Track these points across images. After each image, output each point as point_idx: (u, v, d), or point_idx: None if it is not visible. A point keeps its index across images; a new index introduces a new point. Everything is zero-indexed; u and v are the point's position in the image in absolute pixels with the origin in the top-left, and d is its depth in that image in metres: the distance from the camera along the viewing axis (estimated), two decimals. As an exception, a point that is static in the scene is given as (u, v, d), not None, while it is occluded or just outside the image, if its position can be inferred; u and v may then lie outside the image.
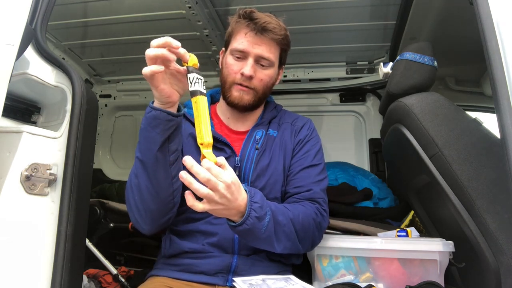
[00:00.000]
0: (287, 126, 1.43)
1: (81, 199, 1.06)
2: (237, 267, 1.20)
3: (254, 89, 1.31)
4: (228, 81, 1.32)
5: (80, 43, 2.47)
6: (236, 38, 1.31)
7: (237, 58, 1.30)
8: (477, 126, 1.35)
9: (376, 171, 2.54)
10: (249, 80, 1.29)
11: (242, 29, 1.30)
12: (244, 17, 1.29)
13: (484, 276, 1.21)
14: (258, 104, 1.38)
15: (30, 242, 0.99)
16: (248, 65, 1.28)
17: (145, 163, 1.11)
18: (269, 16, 1.31)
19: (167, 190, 1.14)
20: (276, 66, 1.36)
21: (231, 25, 1.34)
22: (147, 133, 1.10)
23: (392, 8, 1.98)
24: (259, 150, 1.33)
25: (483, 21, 1.03)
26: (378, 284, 1.27)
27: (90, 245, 1.86)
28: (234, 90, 1.31)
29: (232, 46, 1.31)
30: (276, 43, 1.31)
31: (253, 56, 1.28)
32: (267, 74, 1.32)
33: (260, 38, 1.28)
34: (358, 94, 2.68)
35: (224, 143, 1.31)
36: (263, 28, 1.26)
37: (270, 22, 1.27)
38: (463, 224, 1.25)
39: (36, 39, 1.12)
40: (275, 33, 1.28)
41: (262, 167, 1.31)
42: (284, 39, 1.32)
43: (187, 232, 1.27)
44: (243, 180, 1.29)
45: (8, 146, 1.00)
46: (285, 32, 1.32)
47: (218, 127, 1.40)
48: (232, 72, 1.30)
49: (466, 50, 1.97)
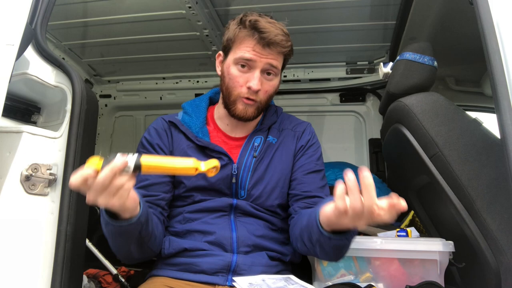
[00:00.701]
0: (288, 133, 1.40)
1: (81, 199, 1.06)
2: (237, 266, 1.20)
3: (259, 101, 1.28)
4: (233, 94, 1.28)
5: (80, 43, 2.47)
6: (240, 48, 1.25)
7: (242, 67, 1.26)
8: (477, 126, 1.35)
9: (376, 171, 2.54)
10: (255, 94, 1.26)
11: (248, 40, 1.24)
12: (250, 27, 1.24)
13: (484, 276, 1.21)
14: (260, 114, 1.35)
15: (30, 242, 0.99)
16: (255, 79, 1.24)
17: (120, 253, 1.12)
18: (273, 24, 1.25)
19: (146, 255, 1.17)
20: (280, 74, 1.33)
21: (233, 32, 1.27)
22: (113, 239, 1.06)
23: (392, 8, 1.98)
24: (256, 158, 1.32)
25: (483, 21, 1.03)
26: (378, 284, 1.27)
27: (90, 245, 1.86)
28: (239, 104, 1.28)
29: (237, 55, 1.25)
30: (282, 54, 1.29)
31: (260, 67, 1.24)
32: (272, 85, 1.30)
33: (268, 50, 1.24)
34: (358, 94, 2.67)
35: (220, 152, 1.30)
36: (272, 42, 1.22)
37: (277, 34, 1.23)
38: (463, 224, 1.25)
39: (36, 39, 1.12)
40: (283, 45, 1.25)
41: (259, 175, 1.30)
42: (290, 51, 1.29)
43: (185, 231, 1.27)
44: (240, 188, 1.29)
45: (8, 146, 1.00)
46: (290, 42, 1.29)
47: (215, 134, 1.37)
48: (238, 85, 1.26)
49: (466, 50, 1.97)
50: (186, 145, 1.32)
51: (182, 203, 1.30)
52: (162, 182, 1.27)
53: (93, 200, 0.86)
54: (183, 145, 1.32)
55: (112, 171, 0.84)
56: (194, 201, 1.28)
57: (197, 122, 1.36)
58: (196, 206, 1.28)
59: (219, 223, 1.25)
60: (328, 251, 1.09)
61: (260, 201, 1.29)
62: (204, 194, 1.28)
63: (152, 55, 2.50)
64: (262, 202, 1.29)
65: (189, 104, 1.43)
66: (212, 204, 1.27)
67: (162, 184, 1.27)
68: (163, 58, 2.53)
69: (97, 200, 0.86)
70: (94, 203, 0.87)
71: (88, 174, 0.84)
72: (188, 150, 1.30)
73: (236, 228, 1.25)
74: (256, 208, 1.29)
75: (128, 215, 0.98)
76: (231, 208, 1.27)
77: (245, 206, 1.28)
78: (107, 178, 0.84)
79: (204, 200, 1.28)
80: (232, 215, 1.27)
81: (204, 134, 1.34)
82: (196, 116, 1.38)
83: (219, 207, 1.27)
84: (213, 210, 1.27)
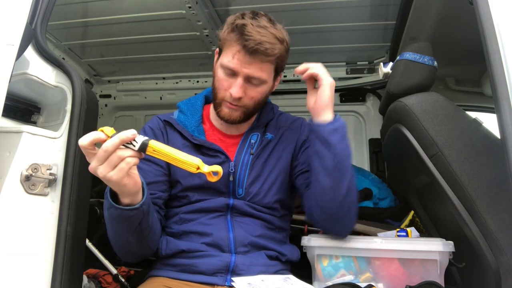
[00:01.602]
0: (286, 130, 1.41)
1: (81, 199, 1.06)
2: (235, 266, 1.20)
3: (243, 106, 1.26)
4: (218, 97, 1.27)
5: (80, 43, 2.47)
6: (226, 52, 1.23)
7: (227, 74, 1.23)
8: (477, 126, 1.35)
9: (376, 171, 2.54)
10: (237, 100, 1.23)
11: (233, 45, 1.20)
12: (237, 32, 1.19)
13: (484, 276, 1.21)
14: (250, 117, 1.34)
15: (30, 242, 0.99)
16: (236, 86, 1.21)
17: (118, 241, 1.12)
18: (264, 29, 1.18)
19: (144, 252, 1.17)
20: (270, 81, 1.28)
21: (224, 34, 1.25)
22: (113, 226, 1.06)
23: (392, 8, 1.98)
24: (253, 155, 1.32)
25: (483, 21, 1.03)
26: (378, 284, 1.27)
27: (90, 245, 1.86)
28: (224, 106, 1.27)
29: (222, 61, 1.23)
30: (269, 62, 1.23)
31: (242, 76, 1.21)
32: (258, 91, 1.26)
33: (250, 58, 1.19)
34: (358, 94, 2.68)
35: (216, 150, 1.30)
36: (255, 50, 1.17)
37: (262, 42, 1.16)
38: (463, 224, 1.25)
39: (36, 39, 1.12)
40: (267, 54, 1.18)
41: (257, 172, 1.31)
42: (278, 58, 1.23)
43: (181, 233, 1.27)
44: (238, 185, 1.28)
45: (8, 146, 1.00)
46: (279, 50, 1.21)
47: (210, 133, 1.37)
48: (222, 88, 1.25)
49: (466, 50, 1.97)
50: (181, 144, 1.31)
51: (178, 203, 1.30)
52: (159, 181, 1.27)
53: (94, 168, 0.90)
54: (178, 143, 1.31)
55: (120, 139, 0.88)
56: (190, 201, 1.28)
57: (193, 120, 1.35)
58: (192, 206, 1.27)
59: (216, 224, 1.25)
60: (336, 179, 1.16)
61: (258, 199, 1.29)
62: (200, 194, 1.28)
63: (152, 55, 2.51)
64: (260, 199, 1.29)
65: (184, 103, 1.42)
66: (208, 204, 1.27)
67: (159, 183, 1.27)
68: (163, 58, 2.54)
69: (98, 169, 0.89)
70: (94, 172, 0.90)
71: (98, 137, 0.88)
72: (184, 149, 1.28)
73: (233, 229, 1.25)
74: (253, 208, 1.28)
75: (127, 200, 0.98)
76: (228, 208, 1.27)
77: (242, 206, 1.27)
78: (114, 145, 0.87)
79: (200, 200, 1.28)
80: (228, 215, 1.27)
81: (200, 132, 1.34)
82: (191, 114, 1.37)
83: (215, 208, 1.27)
84: (209, 210, 1.27)
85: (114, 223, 1.04)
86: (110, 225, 1.07)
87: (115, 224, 1.05)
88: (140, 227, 1.05)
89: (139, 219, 1.03)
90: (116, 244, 1.13)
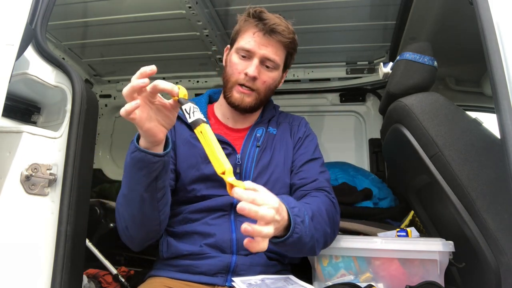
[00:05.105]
0: (285, 126, 1.44)
1: (81, 199, 1.06)
2: (236, 266, 1.20)
3: (256, 90, 1.30)
4: (231, 80, 1.31)
5: (80, 43, 2.47)
6: (243, 36, 1.30)
7: (242, 57, 1.29)
8: (477, 126, 1.35)
9: (376, 171, 2.54)
10: (252, 81, 1.28)
11: (250, 29, 1.28)
12: (254, 17, 1.27)
13: (484, 276, 1.21)
14: (259, 106, 1.37)
15: (30, 242, 0.99)
16: (252, 66, 1.27)
17: (130, 201, 1.08)
18: (279, 17, 1.30)
19: (153, 222, 1.13)
20: (280, 69, 1.35)
21: (239, 23, 1.33)
22: (132, 174, 1.03)
23: (392, 8, 1.98)
24: (260, 148, 1.33)
25: (483, 21, 1.03)
26: (378, 284, 1.27)
27: (90, 245, 1.86)
28: (235, 91, 1.30)
29: (238, 45, 1.30)
30: (283, 46, 1.30)
31: (258, 57, 1.27)
32: (271, 77, 1.31)
33: (267, 39, 1.26)
34: (358, 94, 2.67)
35: (223, 141, 1.30)
36: (272, 29, 1.25)
37: (280, 24, 1.26)
38: (463, 224, 1.25)
39: (36, 39, 1.12)
40: (284, 35, 1.27)
41: (263, 165, 1.31)
42: (291, 43, 1.31)
43: (184, 233, 1.26)
44: (244, 178, 1.29)
45: (8, 146, 1.00)
46: (293, 35, 1.31)
47: (216, 127, 1.39)
48: (236, 71, 1.29)
49: (466, 50, 1.97)
50: (189, 135, 1.32)
51: (184, 198, 1.30)
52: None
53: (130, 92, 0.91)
54: (185, 134, 1.33)
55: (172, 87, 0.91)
56: (196, 196, 1.28)
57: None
58: (197, 205, 1.27)
59: (219, 224, 1.25)
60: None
61: None
62: (207, 186, 1.27)
63: (152, 55, 2.50)
64: None
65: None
66: (212, 203, 1.27)
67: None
68: (163, 58, 2.53)
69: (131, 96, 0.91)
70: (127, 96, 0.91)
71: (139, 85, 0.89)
72: (191, 140, 1.31)
73: (236, 229, 1.25)
74: None
75: (149, 144, 0.99)
76: (232, 207, 1.27)
77: None
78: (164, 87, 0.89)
79: (206, 197, 1.27)
80: (232, 215, 1.27)
81: None
82: None
83: (220, 206, 1.27)
84: (214, 209, 1.27)
85: (133, 170, 1.02)
86: (127, 175, 1.05)
87: (134, 171, 1.02)
88: (157, 184, 1.04)
89: (159, 170, 1.02)
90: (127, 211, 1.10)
